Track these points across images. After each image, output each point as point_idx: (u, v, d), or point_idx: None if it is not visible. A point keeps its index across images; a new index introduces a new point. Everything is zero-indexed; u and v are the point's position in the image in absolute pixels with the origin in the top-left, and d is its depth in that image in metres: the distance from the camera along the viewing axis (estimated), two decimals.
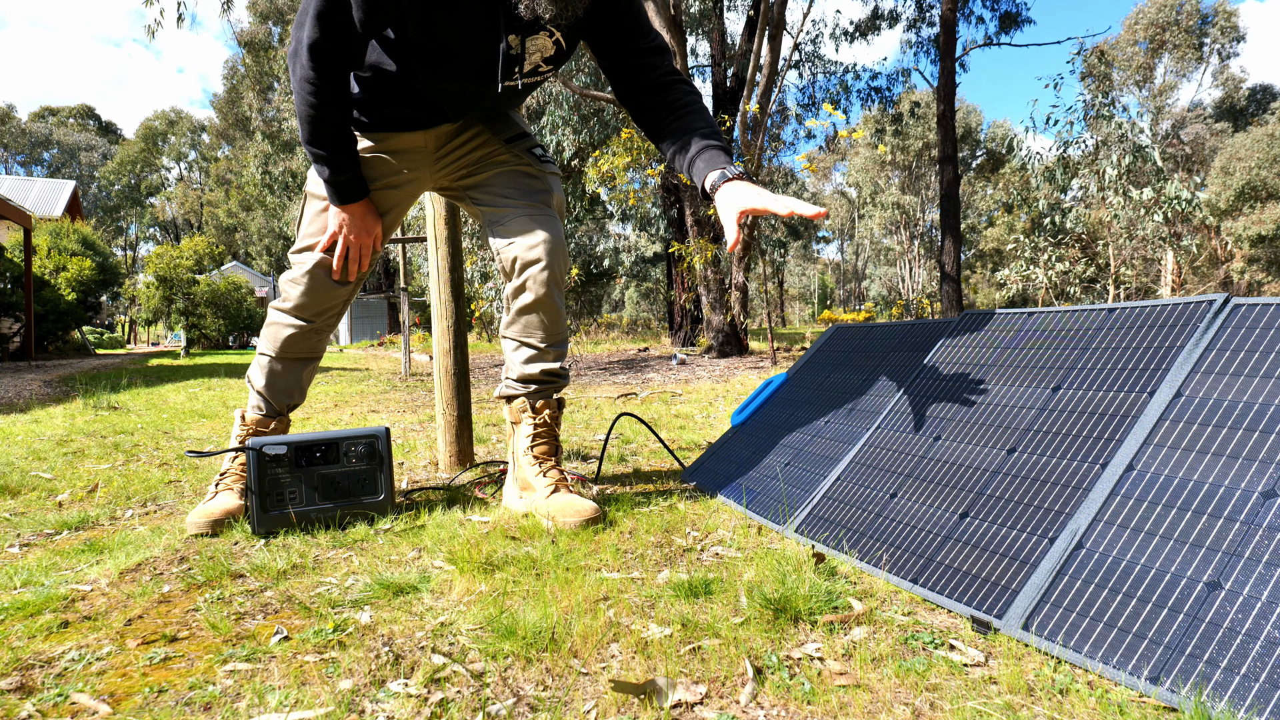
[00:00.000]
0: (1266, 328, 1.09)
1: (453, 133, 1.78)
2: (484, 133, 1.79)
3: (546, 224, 1.71)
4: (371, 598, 1.18)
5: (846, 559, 1.30)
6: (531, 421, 1.75)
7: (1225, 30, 31.63)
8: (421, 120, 1.70)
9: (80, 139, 48.74)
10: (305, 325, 1.73)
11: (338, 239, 1.69)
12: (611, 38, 1.62)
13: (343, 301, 1.77)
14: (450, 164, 1.80)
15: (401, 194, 1.78)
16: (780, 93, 8.75)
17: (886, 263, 42.88)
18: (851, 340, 2.09)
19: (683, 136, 1.59)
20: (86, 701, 0.87)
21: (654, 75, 1.64)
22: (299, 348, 1.75)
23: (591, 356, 8.84)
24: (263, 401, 1.76)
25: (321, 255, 1.70)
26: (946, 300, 13.17)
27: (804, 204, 1.35)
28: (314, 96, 1.50)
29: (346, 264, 1.71)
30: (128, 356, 14.14)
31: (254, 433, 1.74)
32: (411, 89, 1.62)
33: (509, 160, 1.78)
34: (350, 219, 1.67)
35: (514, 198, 1.74)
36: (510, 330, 1.77)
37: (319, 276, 1.70)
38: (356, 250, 1.71)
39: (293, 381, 1.78)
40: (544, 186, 1.78)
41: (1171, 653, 0.85)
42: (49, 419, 3.79)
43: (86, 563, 1.41)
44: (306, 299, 1.71)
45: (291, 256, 1.75)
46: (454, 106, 1.68)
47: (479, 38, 1.49)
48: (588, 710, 0.83)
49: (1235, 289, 27.46)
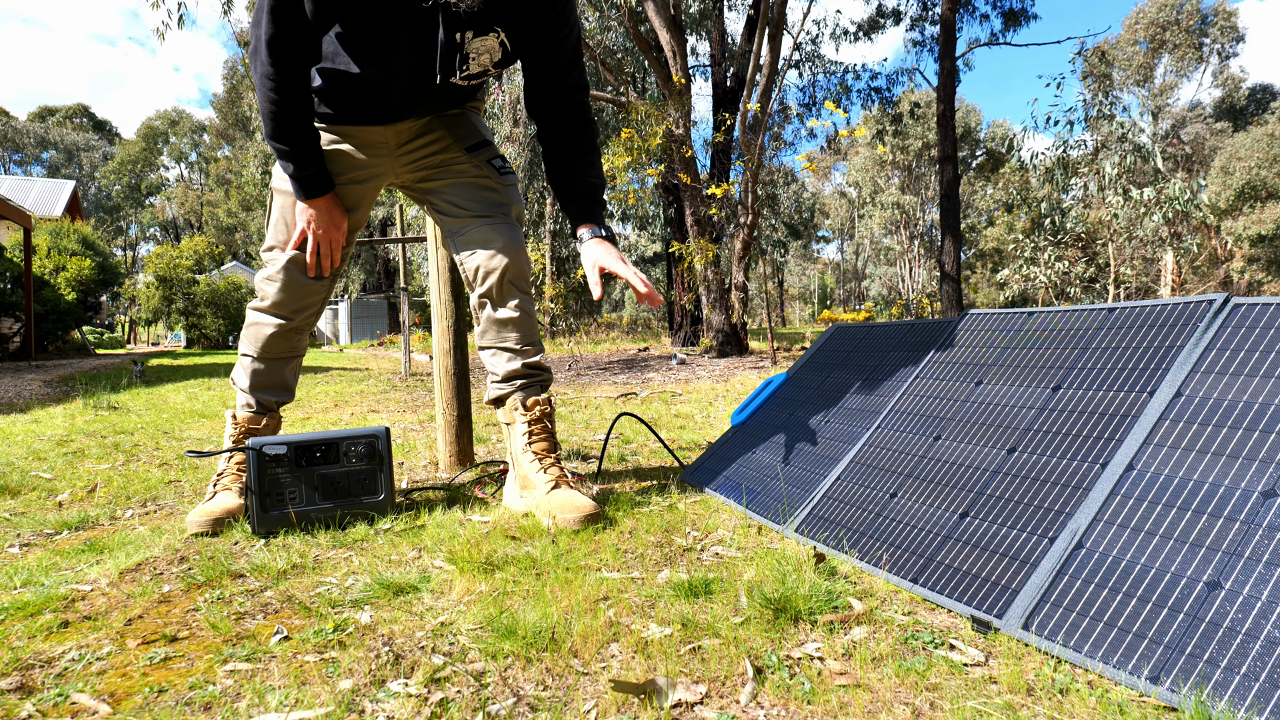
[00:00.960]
0: (1266, 327, 1.09)
1: (415, 131, 1.79)
2: (445, 137, 1.80)
3: (506, 232, 1.75)
4: (371, 597, 1.18)
5: (847, 559, 1.30)
6: (525, 419, 1.76)
7: (1225, 30, 31.63)
8: (378, 114, 1.71)
9: (80, 139, 48.74)
10: (285, 323, 1.74)
11: (307, 235, 1.70)
12: (541, 52, 1.69)
13: (320, 299, 1.78)
14: (411, 162, 1.81)
15: (366, 189, 1.80)
16: (780, 92, 8.75)
17: (886, 262, 42.90)
18: (851, 340, 2.10)
19: (575, 180, 1.75)
20: (86, 701, 0.87)
21: (569, 108, 1.75)
22: (280, 347, 1.76)
23: (591, 356, 8.84)
24: (251, 399, 1.77)
25: (294, 252, 1.71)
26: (946, 300, 13.17)
27: (645, 283, 1.60)
28: (274, 92, 1.52)
29: (320, 260, 1.72)
30: (128, 356, 14.15)
31: (246, 431, 1.75)
32: (367, 83, 1.64)
33: (468, 170, 1.80)
34: (317, 214, 1.68)
35: (473, 210, 1.77)
36: (485, 339, 1.80)
37: (293, 273, 1.71)
38: (327, 245, 1.72)
39: (277, 379, 1.79)
40: (503, 199, 1.80)
41: (1172, 652, 0.85)
42: (49, 419, 3.79)
43: (86, 563, 1.41)
44: (283, 295, 1.72)
45: (264, 255, 1.76)
46: (405, 100, 1.69)
47: (419, 31, 1.52)
48: (588, 710, 0.83)
49: (1235, 288, 27.46)
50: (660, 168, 7.61)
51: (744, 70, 11.13)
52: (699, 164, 9.79)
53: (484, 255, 1.73)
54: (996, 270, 18.85)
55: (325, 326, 31.14)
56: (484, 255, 1.73)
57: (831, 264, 51.74)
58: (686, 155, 7.97)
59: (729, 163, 10.61)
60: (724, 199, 7.72)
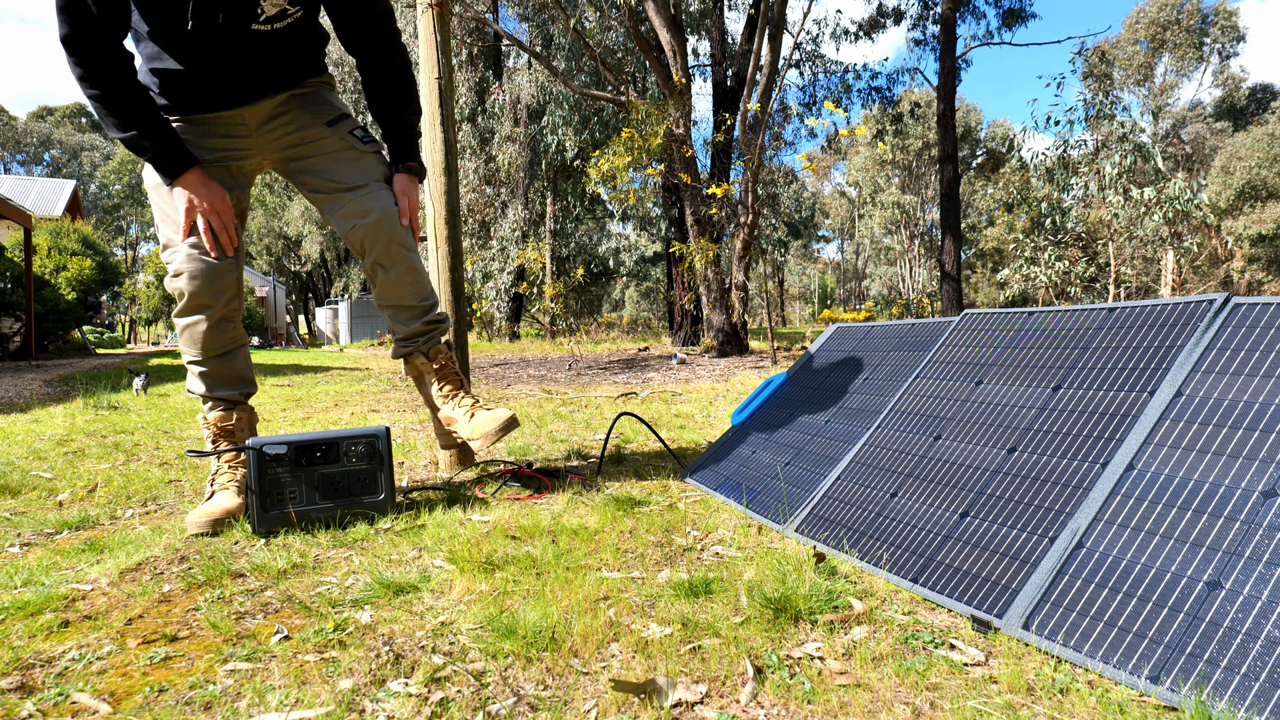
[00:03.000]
0: (1267, 327, 1.09)
1: (271, 111, 1.81)
2: (303, 114, 1.83)
3: (381, 199, 1.80)
4: (372, 597, 1.18)
5: (847, 558, 1.30)
6: (433, 369, 1.93)
7: (1225, 30, 31.62)
8: (222, 99, 1.74)
9: (82, 139, 48.76)
10: (210, 312, 1.73)
11: (195, 218, 1.68)
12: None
13: (234, 279, 1.77)
14: (274, 141, 1.83)
15: (239, 169, 1.81)
16: (781, 92, 8.75)
17: (886, 262, 42.89)
18: (851, 340, 2.10)
19: (393, 115, 1.87)
20: (87, 701, 0.87)
21: (381, 39, 1.83)
22: (218, 341, 1.76)
23: (592, 356, 8.84)
24: (215, 401, 1.78)
25: (190, 241, 1.70)
26: (946, 300, 13.17)
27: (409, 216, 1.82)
28: (92, 85, 1.54)
29: (217, 238, 1.71)
30: (128, 356, 14.15)
31: (220, 430, 1.77)
32: (197, 72, 1.67)
33: (331, 144, 1.83)
34: (193, 191, 1.67)
35: (345, 183, 1.81)
36: (384, 300, 1.88)
37: (195, 259, 1.70)
38: (218, 221, 1.70)
39: (232, 374, 1.81)
40: (370, 166, 1.85)
41: (1172, 652, 0.85)
42: (49, 419, 3.79)
43: (87, 562, 1.41)
44: (196, 285, 1.70)
45: (163, 257, 1.76)
46: (232, 80, 1.70)
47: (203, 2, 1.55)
48: (588, 709, 0.83)
49: (1235, 288, 27.45)
50: (661, 167, 7.60)
51: (744, 70, 11.13)
52: (699, 164, 9.79)
53: (364, 225, 1.77)
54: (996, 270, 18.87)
55: (325, 326, 31.14)
56: (364, 225, 1.77)
57: (831, 263, 51.74)
58: (687, 155, 7.97)
59: (729, 162, 10.61)
60: (724, 199, 7.72)
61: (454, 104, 2.27)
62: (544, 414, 3.64)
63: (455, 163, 2.27)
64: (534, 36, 13.58)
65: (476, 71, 14.01)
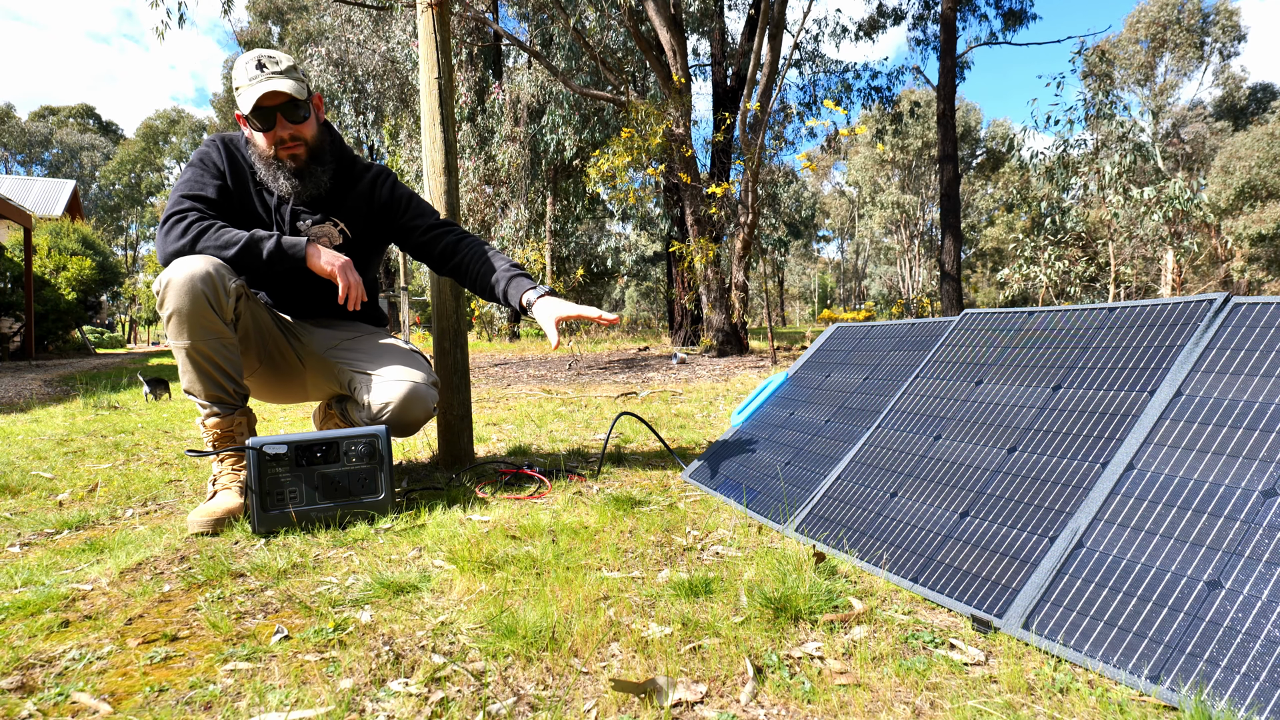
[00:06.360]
0: (1267, 327, 1.09)
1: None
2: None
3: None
4: (372, 597, 1.18)
5: (847, 558, 1.30)
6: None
7: (1226, 29, 31.60)
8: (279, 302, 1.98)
9: (82, 139, 48.73)
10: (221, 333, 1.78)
11: (347, 277, 1.80)
12: (395, 230, 2.02)
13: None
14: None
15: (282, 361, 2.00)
16: (781, 91, 8.75)
17: (886, 262, 42.88)
18: (851, 340, 2.10)
19: (496, 276, 1.92)
20: (87, 701, 0.87)
21: (444, 242, 1.99)
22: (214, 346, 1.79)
23: (591, 355, 8.84)
24: (211, 408, 1.74)
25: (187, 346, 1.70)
26: (946, 299, 13.17)
27: (600, 313, 1.76)
28: (204, 239, 1.70)
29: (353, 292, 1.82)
30: (128, 356, 14.14)
31: (222, 434, 1.74)
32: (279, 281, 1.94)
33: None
34: (321, 254, 1.78)
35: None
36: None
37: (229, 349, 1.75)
38: (356, 278, 1.82)
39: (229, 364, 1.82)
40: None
41: (1172, 651, 0.85)
42: (49, 418, 3.79)
43: (87, 562, 1.41)
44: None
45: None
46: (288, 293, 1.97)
47: (263, 218, 1.86)
48: (588, 709, 0.83)
49: (1235, 288, 27.44)
50: (661, 167, 7.60)
51: (744, 69, 11.13)
52: (699, 163, 9.79)
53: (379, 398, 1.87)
54: (996, 270, 18.86)
55: None
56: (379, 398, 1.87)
57: (831, 263, 51.72)
58: (687, 154, 7.96)
59: (729, 162, 10.61)
60: (724, 198, 7.72)
61: (454, 104, 2.27)
62: (544, 414, 3.64)
63: (455, 162, 2.27)
64: (534, 36, 13.58)
65: (476, 71, 14.00)
